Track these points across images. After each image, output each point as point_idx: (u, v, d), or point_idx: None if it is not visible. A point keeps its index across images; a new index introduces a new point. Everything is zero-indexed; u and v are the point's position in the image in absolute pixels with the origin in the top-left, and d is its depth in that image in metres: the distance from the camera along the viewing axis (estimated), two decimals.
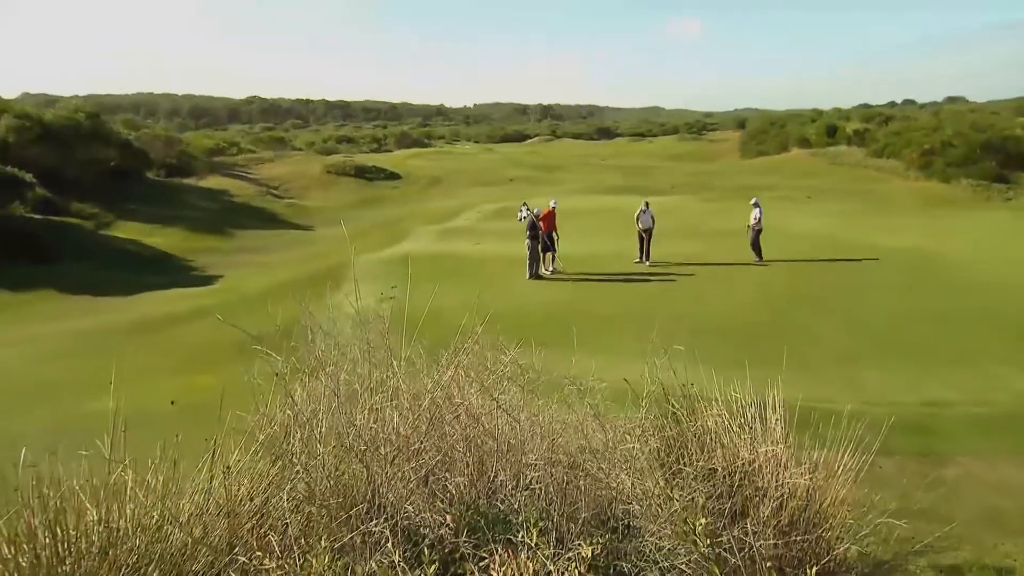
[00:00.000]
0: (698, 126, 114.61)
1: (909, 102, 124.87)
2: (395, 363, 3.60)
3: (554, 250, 16.16)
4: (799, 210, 26.30)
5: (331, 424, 3.28)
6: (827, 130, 57.23)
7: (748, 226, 16.58)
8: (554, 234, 16.13)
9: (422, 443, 3.28)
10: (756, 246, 16.45)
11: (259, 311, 11.32)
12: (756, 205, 16.90)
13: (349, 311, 3.89)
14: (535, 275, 15.49)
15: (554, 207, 16.40)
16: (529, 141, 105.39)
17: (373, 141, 75.26)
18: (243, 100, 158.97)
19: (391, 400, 3.44)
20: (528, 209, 16.66)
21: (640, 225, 16.44)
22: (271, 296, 14.79)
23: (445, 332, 4.12)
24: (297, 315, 4.08)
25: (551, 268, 16.13)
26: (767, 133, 69.08)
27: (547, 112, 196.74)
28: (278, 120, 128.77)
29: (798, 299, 13.08)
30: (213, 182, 39.20)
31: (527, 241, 15.55)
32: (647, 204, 16.78)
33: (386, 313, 3.90)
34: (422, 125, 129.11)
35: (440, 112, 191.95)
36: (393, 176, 47.20)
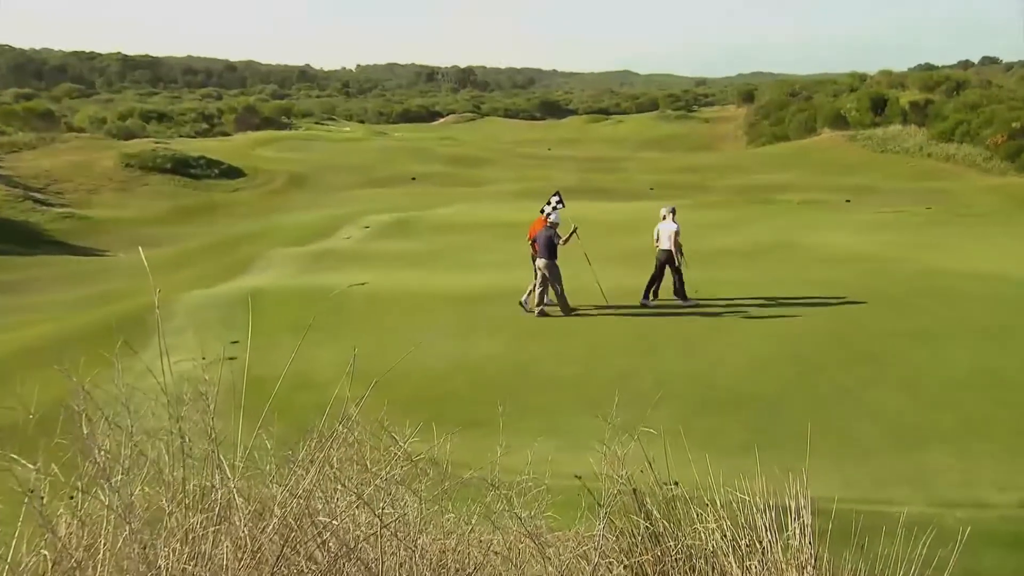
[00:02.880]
0: (687, 99, 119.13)
1: (990, 60, 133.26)
2: (226, 464, 3.51)
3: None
4: (834, 221, 27.58)
5: (119, 567, 3.15)
6: (872, 103, 60.30)
7: (666, 249, 16.16)
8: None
9: None
10: (681, 286, 16.41)
11: (1, 389, 10.69)
12: (669, 216, 16.45)
13: (154, 384, 3.78)
14: (568, 310, 16.07)
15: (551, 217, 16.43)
16: (441, 121, 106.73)
17: (200, 119, 74.12)
18: None
19: (219, 522, 3.34)
20: (561, 202, 16.69)
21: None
22: (23, 364, 14.04)
23: (309, 411, 4.05)
24: (66, 394, 3.91)
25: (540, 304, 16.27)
26: (786, 108, 72.61)
27: (467, 78, 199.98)
28: (44, 84, 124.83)
29: (837, 352, 13.54)
30: None
31: (542, 260, 15.85)
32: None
33: (216, 385, 3.80)
34: (277, 96, 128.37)
35: (305, 76, 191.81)
36: (232, 173, 46.57)
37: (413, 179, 48.21)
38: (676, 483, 3.74)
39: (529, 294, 16.46)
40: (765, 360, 13.19)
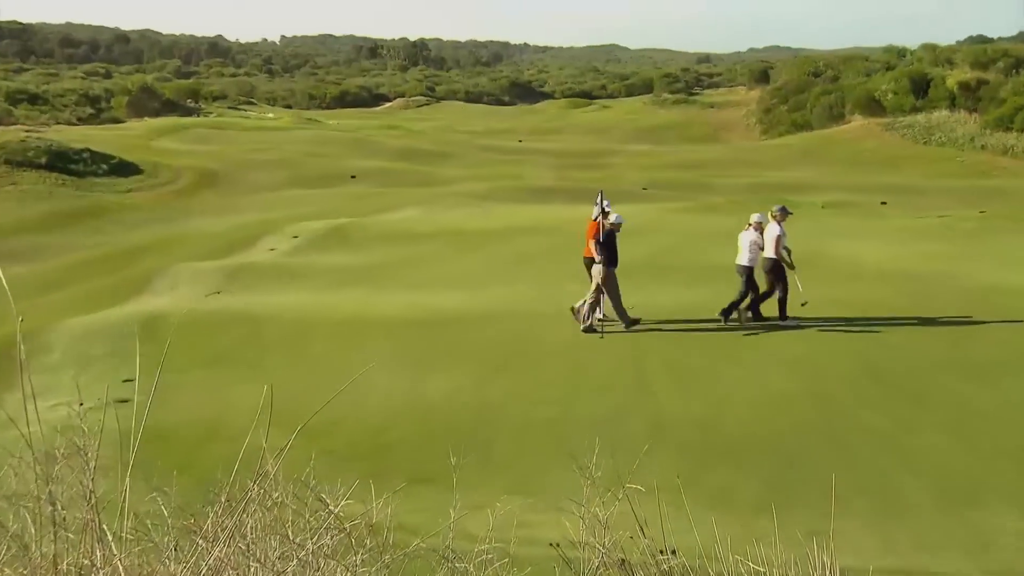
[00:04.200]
0: (687, 80, 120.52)
1: None
2: (110, 535, 3.45)
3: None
4: (867, 227, 27.92)
5: None
6: (913, 84, 61.07)
7: (771, 258, 16.81)
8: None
9: None
10: (760, 302, 16.66)
11: None
12: (779, 218, 16.99)
13: (18, 436, 3.71)
14: (628, 318, 16.52)
15: (601, 217, 16.66)
16: (387, 106, 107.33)
17: (84, 102, 73.77)
18: None
19: None
20: (608, 204, 16.96)
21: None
22: None
23: (218, 468, 3.99)
24: None
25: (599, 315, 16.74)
26: (807, 91, 73.65)
27: (419, 54, 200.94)
28: None
29: (871, 388, 13.60)
30: None
31: (597, 268, 16.31)
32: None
33: (98, 436, 3.74)
34: (182, 74, 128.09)
35: (216, 50, 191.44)
36: (125, 169, 46.30)
37: (353, 177, 48.18)
38: (674, 551, 3.72)
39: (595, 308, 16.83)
40: (783, 398, 13.21)
